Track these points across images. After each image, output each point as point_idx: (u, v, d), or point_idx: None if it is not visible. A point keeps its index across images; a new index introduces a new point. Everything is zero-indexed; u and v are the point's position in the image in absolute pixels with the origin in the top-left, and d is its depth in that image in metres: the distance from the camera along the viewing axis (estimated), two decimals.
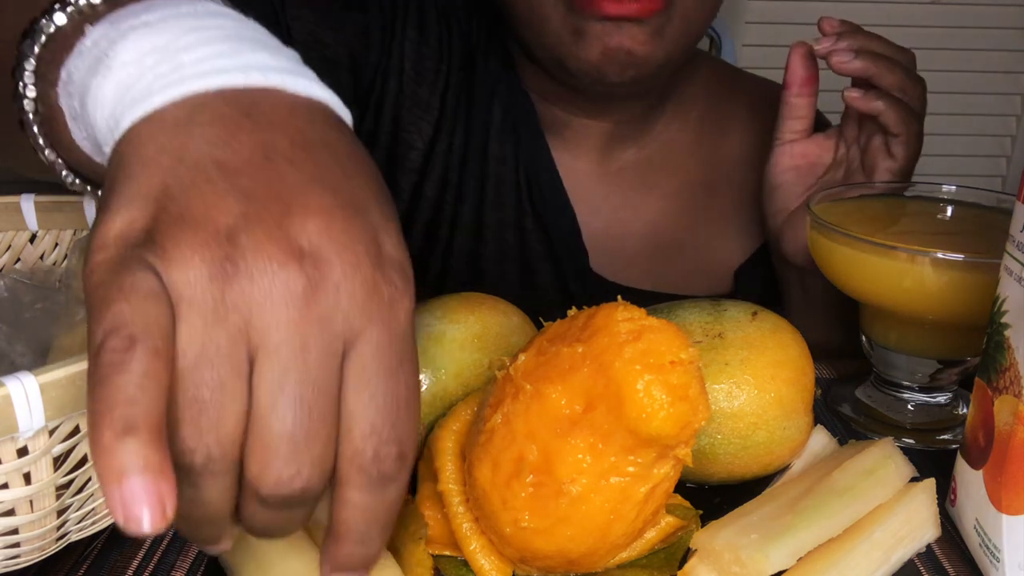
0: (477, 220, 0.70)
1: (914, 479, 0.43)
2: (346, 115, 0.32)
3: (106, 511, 0.36)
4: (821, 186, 0.61)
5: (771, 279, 0.72)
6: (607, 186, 0.72)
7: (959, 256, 0.44)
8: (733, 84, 0.78)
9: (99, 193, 0.36)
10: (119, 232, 0.26)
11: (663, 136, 0.73)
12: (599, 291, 0.70)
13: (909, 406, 0.52)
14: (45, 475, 0.32)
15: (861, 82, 0.58)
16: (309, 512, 0.29)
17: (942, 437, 0.50)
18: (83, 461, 0.33)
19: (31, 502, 0.32)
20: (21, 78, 0.34)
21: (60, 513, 0.34)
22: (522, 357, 0.37)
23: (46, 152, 0.36)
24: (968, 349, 0.50)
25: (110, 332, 0.25)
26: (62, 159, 0.37)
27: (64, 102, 0.33)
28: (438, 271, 0.71)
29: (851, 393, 0.55)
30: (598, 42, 0.58)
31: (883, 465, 0.42)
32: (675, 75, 0.68)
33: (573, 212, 0.70)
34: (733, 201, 0.73)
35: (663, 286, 0.71)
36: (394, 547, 0.38)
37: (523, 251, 0.71)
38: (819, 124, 0.65)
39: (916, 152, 0.59)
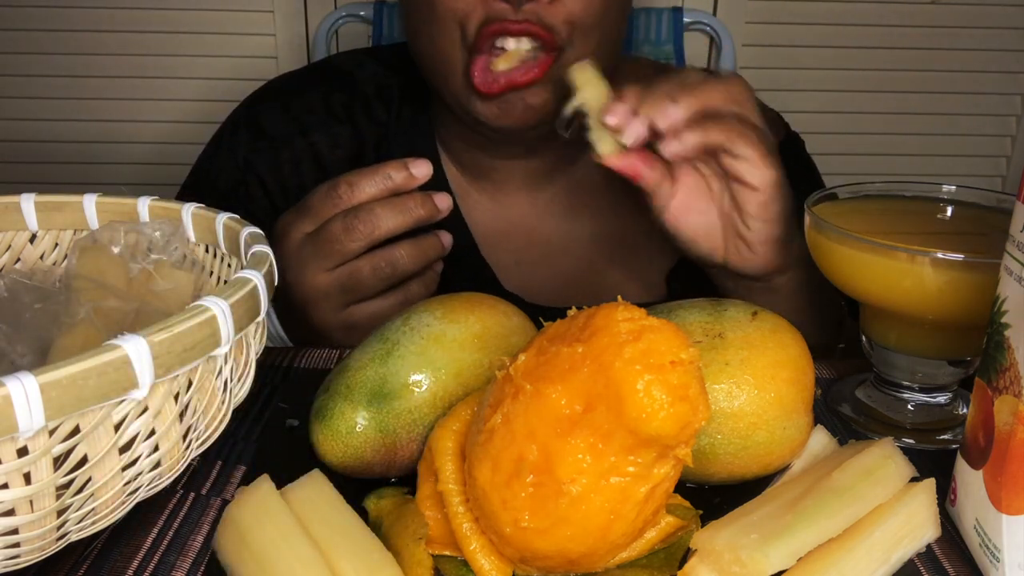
0: None
1: (914, 479, 0.43)
2: None
3: (106, 511, 0.36)
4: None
5: (701, 278, 0.73)
6: (538, 217, 0.74)
7: (959, 256, 0.44)
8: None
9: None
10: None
11: (589, 158, 0.73)
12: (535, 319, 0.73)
13: (909, 406, 0.52)
14: (45, 475, 0.32)
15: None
16: None
17: (942, 437, 0.50)
18: (83, 461, 0.33)
19: (31, 502, 0.32)
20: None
21: (60, 513, 0.34)
22: (522, 357, 0.37)
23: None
24: (968, 349, 0.50)
25: None
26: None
27: None
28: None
29: (851, 393, 0.55)
30: (493, 98, 0.62)
31: (883, 465, 0.42)
32: None
33: (488, 266, 0.73)
34: None
35: (600, 301, 0.72)
36: (394, 547, 0.38)
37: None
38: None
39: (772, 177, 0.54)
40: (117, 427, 0.33)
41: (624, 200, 0.75)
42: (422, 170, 0.59)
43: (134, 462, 0.35)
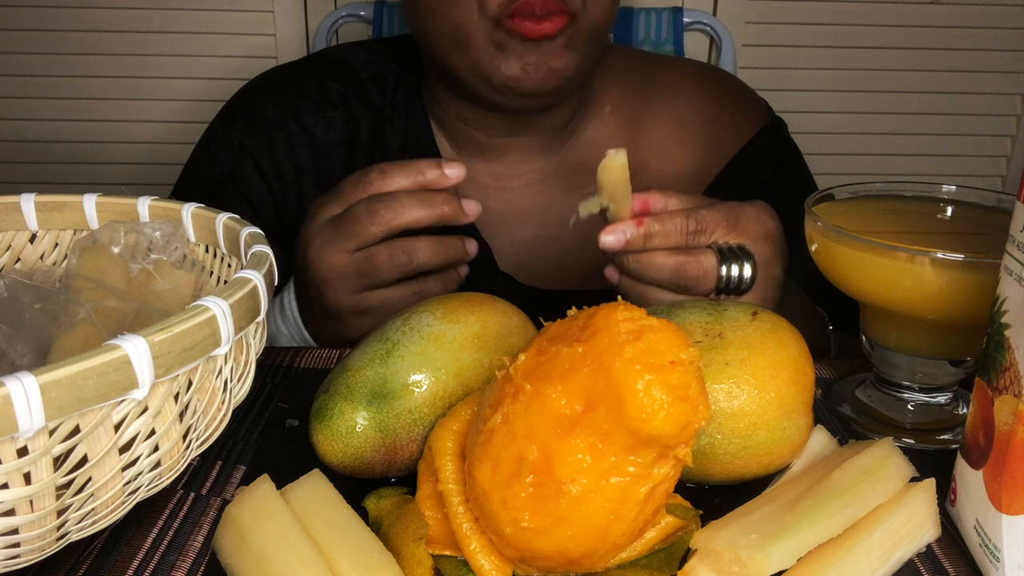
0: None
1: (914, 479, 0.43)
2: None
3: (106, 511, 0.36)
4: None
5: None
6: (533, 196, 0.75)
7: (959, 256, 0.44)
8: (647, 71, 0.80)
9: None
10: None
11: (582, 138, 0.76)
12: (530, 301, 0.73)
13: (909, 406, 0.52)
14: (45, 475, 0.32)
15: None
16: None
17: (942, 437, 0.50)
18: (83, 461, 0.33)
19: (31, 502, 0.32)
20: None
21: (60, 513, 0.34)
22: (522, 357, 0.37)
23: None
24: (968, 349, 0.50)
25: None
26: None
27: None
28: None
29: (851, 393, 0.55)
30: (518, 59, 0.63)
31: (883, 465, 0.42)
32: (587, 80, 0.72)
33: (486, 245, 0.74)
34: (655, 180, 0.75)
35: (594, 283, 0.72)
36: (394, 547, 0.38)
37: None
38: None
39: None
40: (117, 427, 0.33)
41: None
42: (455, 171, 0.59)
43: (134, 462, 0.35)
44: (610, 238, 0.53)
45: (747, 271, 0.54)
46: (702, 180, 0.77)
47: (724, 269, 0.53)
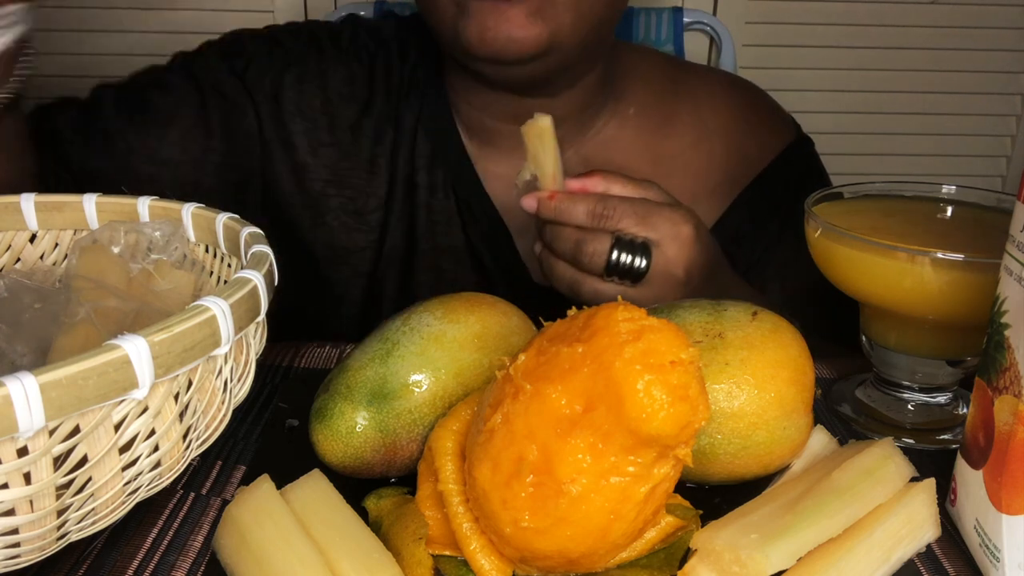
0: (408, 250, 0.74)
1: (914, 479, 0.43)
2: None
3: (106, 511, 0.36)
4: None
5: None
6: None
7: (959, 256, 0.44)
8: (677, 79, 0.78)
9: None
10: None
11: (601, 135, 0.74)
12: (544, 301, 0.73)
13: (909, 406, 0.52)
14: (45, 475, 0.32)
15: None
16: None
17: (942, 437, 0.50)
18: (83, 461, 0.33)
19: (31, 502, 0.32)
20: None
21: (60, 513, 0.34)
22: (522, 357, 0.37)
23: None
24: (968, 349, 0.50)
25: None
26: None
27: None
28: (369, 303, 0.76)
29: (851, 393, 0.55)
30: (477, 22, 0.61)
31: (883, 465, 0.42)
32: (592, 64, 0.70)
33: (508, 233, 0.73)
34: (677, 193, 0.74)
35: None
36: (394, 547, 0.39)
37: (459, 277, 0.75)
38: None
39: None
40: (117, 427, 0.33)
41: (635, 173, 0.75)
42: None
43: (134, 462, 0.35)
44: (524, 202, 0.58)
45: (639, 262, 0.57)
46: (726, 196, 0.76)
47: (615, 254, 0.57)
